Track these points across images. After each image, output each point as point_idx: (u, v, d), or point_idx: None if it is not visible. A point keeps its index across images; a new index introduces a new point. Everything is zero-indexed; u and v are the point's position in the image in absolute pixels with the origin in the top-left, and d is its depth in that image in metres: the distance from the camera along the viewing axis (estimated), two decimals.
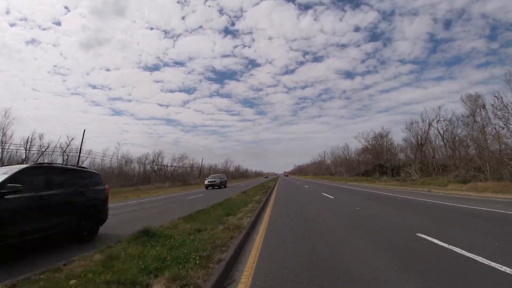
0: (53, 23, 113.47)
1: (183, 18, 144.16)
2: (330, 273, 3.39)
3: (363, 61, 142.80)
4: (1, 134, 30.20)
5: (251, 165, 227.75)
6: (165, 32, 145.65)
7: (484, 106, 20.86)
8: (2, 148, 30.42)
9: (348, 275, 3.30)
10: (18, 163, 24.04)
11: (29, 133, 40.58)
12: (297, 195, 17.68)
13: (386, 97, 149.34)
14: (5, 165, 10.05)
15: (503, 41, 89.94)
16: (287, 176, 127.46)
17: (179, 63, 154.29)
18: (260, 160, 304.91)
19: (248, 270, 3.64)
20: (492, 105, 19.19)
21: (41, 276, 3.17)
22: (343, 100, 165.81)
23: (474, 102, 22.43)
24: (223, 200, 12.85)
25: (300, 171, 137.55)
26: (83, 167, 7.28)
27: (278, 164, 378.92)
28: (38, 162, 26.38)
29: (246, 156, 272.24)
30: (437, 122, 29.39)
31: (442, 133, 29.30)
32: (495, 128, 19.46)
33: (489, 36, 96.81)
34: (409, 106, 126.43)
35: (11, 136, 31.04)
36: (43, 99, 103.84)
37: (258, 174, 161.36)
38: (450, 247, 4.29)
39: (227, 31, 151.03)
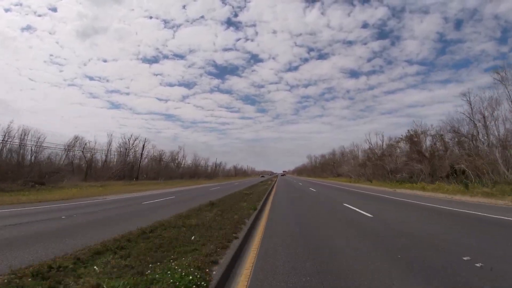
0: (49, 9, 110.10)
1: (184, 7, 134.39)
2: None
3: (369, 60, 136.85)
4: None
5: (251, 163, 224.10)
6: (165, 21, 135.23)
7: None
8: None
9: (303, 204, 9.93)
10: None
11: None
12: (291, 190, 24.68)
13: (390, 98, 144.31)
14: None
15: None
16: (284, 175, 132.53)
17: (179, 56, 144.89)
18: (259, 158, 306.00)
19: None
20: None
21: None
22: (347, 100, 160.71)
23: None
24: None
25: (300, 171, 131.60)
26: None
27: (278, 163, 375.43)
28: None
29: (246, 154, 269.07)
30: None
31: None
32: None
33: (500, 39, 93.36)
34: (414, 109, 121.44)
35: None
36: (40, 89, 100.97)
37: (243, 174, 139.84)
38: (352, 207, 10.84)
39: (230, 23, 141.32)
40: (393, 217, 8.43)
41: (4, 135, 28.30)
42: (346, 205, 11.60)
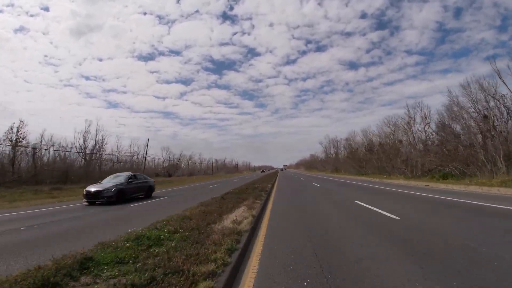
0: (41, 8, 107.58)
1: (178, 1, 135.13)
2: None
3: (368, 51, 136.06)
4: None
5: (251, 159, 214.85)
6: (160, 17, 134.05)
7: None
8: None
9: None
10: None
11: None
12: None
13: (389, 90, 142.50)
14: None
15: None
16: (283, 169, 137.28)
17: (175, 52, 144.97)
18: (258, 155, 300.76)
19: None
20: None
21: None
22: (346, 92, 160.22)
23: None
24: None
25: (309, 164, 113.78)
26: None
27: (278, 159, 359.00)
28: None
29: (246, 151, 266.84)
30: None
31: None
32: None
33: (500, 27, 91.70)
34: (414, 100, 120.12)
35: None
36: (36, 91, 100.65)
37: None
38: (315, 184, 13.28)
39: (225, 16, 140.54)
40: None
41: None
42: (316, 184, 11.83)
